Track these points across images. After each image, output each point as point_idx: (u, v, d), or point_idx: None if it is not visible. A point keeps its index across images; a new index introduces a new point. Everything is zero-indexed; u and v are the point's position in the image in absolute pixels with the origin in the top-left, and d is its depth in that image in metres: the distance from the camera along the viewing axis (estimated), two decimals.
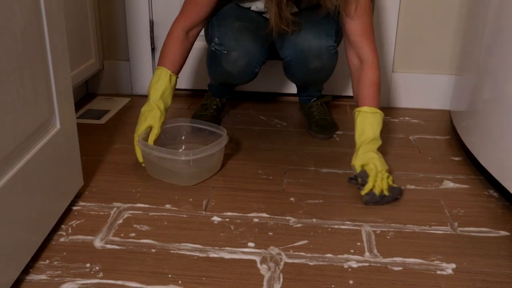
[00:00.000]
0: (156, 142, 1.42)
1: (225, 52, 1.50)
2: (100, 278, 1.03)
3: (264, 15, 1.58)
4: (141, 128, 1.42)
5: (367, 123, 1.38)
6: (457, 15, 1.85)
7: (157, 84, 1.46)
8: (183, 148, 1.54)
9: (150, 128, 1.42)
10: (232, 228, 1.20)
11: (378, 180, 1.29)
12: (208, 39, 1.61)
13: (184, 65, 1.54)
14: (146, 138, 1.41)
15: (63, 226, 1.20)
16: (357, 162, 1.35)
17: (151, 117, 1.43)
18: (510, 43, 1.26)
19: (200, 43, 1.83)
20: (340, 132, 1.74)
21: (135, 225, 1.21)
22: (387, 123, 1.83)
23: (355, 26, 1.44)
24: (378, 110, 1.40)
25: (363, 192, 1.29)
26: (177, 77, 1.50)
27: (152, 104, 1.44)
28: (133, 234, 1.17)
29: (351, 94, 2.02)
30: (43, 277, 1.03)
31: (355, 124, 1.41)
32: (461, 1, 1.83)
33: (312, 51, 1.48)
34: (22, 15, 0.97)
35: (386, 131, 1.75)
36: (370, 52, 1.44)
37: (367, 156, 1.34)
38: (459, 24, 1.84)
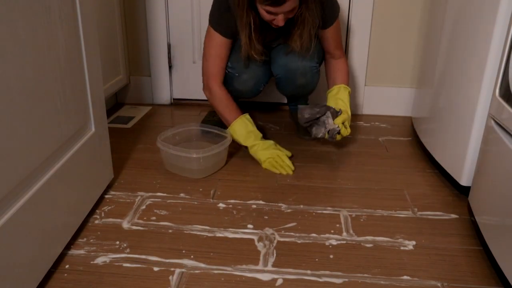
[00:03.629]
0: (172, 142, 1.43)
1: (237, 74, 1.50)
2: (128, 253, 1.03)
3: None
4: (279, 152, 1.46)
5: (342, 93, 1.50)
6: (417, 38, 1.86)
7: (243, 134, 1.45)
8: (194, 147, 1.55)
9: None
10: (235, 213, 1.21)
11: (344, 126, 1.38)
12: None
13: (238, 105, 1.51)
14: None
15: (97, 210, 1.20)
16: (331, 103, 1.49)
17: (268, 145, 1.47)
18: (458, 62, 1.27)
19: None
20: None
21: (155, 210, 1.21)
22: (361, 127, 1.83)
23: (331, 44, 1.53)
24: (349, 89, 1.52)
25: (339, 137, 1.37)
26: (246, 114, 1.49)
27: (256, 143, 1.45)
28: (154, 218, 1.18)
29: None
30: (81, 252, 1.03)
31: (333, 90, 1.52)
32: (420, 28, 1.83)
33: (298, 70, 1.48)
34: (65, 39, 0.97)
35: (359, 134, 1.75)
36: (342, 55, 1.57)
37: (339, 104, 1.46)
38: (419, 46, 1.84)
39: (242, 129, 1.46)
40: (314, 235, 1.11)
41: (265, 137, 1.71)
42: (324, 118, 1.36)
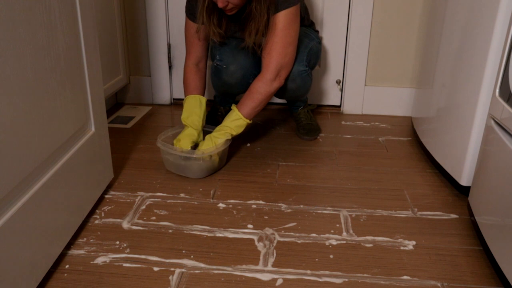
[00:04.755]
0: (172, 142, 1.43)
1: (225, 66, 1.51)
2: (128, 253, 1.03)
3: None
4: (182, 141, 1.41)
5: (232, 118, 1.40)
6: (417, 39, 1.86)
7: (189, 109, 1.45)
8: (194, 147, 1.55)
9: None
10: (235, 213, 1.21)
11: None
12: (212, 57, 1.62)
13: (205, 88, 1.55)
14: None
15: (97, 210, 1.20)
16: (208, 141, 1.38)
17: (192, 138, 1.43)
18: (458, 62, 1.27)
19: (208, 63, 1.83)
20: (323, 134, 1.74)
21: (155, 210, 1.21)
22: (361, 127, 1.83)
23: (268, 41, 1.39)
24: (243, 117, 1.39)
25: None
26: (203, 98, 1.50)
27: (189, 129, 1.44)
28: (154, 218, 1.18)
29: (332, 103, 2.03)
30: (81, 252, 1.03)
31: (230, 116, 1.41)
32: (420, 28, 1.83)
33: (288, 76, 1.45)
34: (65, 39, 0.97)
35: (359, 134, 1.76)
36: (269, 65, 1.38)
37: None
38: (419, 47, 1.84)
39: (189, 105, 1.47)
40: (314, 235, 1.11)
41: (265, 138, 1.71)
42: None
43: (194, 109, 1.46)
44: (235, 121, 1.39)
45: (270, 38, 1.37)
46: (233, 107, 1.42)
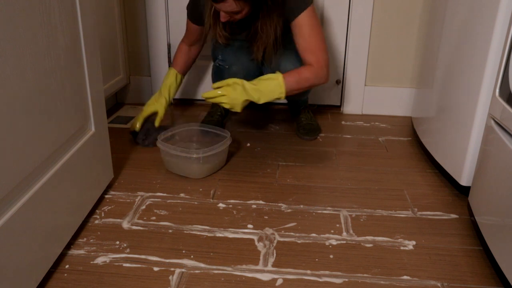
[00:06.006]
0: (172, 142, 1.43)
1: (227, 66, 1.52)
2: (128, 253, 1.03)
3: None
4: (146, 111, 1.55)
5: (271, 82, 1.33)
6: (417, 39, 1.86)
7: (166, 80, 1.59)
8: (194, 147, 1.55)
9: (154, 113, 1.55)
10: (235, 213, 1.21)
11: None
12: (214, 57, 1.63)
13: (190, 67, 1.68)
14: (152, 120, 1.55)
15: (97, 210, 1.20)
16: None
17: (158, 104, 1.55)
18: (458, 62, 1.27)
19: (210, 63, 1.84)
20: (323, 134, 1.74)
21: (155, 210, 1.21)
22: (361, 127, 1.83)
23: (299, 46, 1.41)
24: (284, 90, 1.32)
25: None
26: (182, 77, 1.64)
27: (160, 94, 1.57)
28: (154, 218, 1.18)
29: (332, 103, 2.03)
30: (81, 252, 1.03)
31: (266, 76, 1.35)
32: (420, 28, 1.83)
33: None
34: (65, 40, 0.97)
35: (359, 134, 1.75)
36: (313, 63, 1.39)
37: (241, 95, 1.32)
38: (419, 47, 1.84)
39: (167, 77, 1.61)
40: (314, 235, 1.11)
41: (265, 138, 1.71)
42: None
43: (166, 80, 1.60)
44: (268, 81, 1.32)
45: (301, 42, 1.39)
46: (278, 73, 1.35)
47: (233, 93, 1.30)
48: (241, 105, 1.32)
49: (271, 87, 1.32)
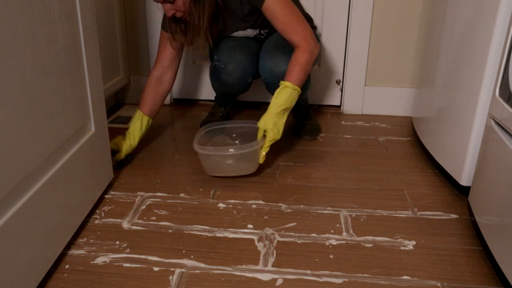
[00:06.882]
0: (209, 144, 1.42)
1: (223, 66, 1.52)
2: (128, 253, 1.03)
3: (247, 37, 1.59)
4: (111, 146, 1.39)
5: (283, 93, 1.32)
6: (417, 39, 1.86)
7: (132, 125, 1.48)
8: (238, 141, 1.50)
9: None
10: (235, 213, 1.21)
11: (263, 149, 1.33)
12: (211, 58, 1.63)
13: (160, 105, 1.54)
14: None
15: (97, 210, 1.20)
16: (261, 124, 1.33)
17: (121, 144, 1.44)
18: (458, 62, 1.27)
19: (209, 63, 1.83)
20: (323, 134, 1.74)
21: (155, 210, 1.21)
22: (361, 127, 1.83)
23: (278, 29, 1.40)
24: (296, 87, 1.32)
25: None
26: (150, 119, 1.50)
27: (127, 135, 1.46)
28: (154, 218, 1.18)
29: (333, 103, 2.03)
30: (81, 252, 1.03)
31: (275, 93, 1.34)
32: (420, 28, 1.83)
33: (281, 75, 1.39)
34: (64, 39, 0.97)
35: (359, 134, 1.76)
36: (299, 41, 1.35)
37: (269, 123, 1.32)
38: (419, 47, 1.84)
39: (133, 121, 1.49)
40: (314, 235, 1.11)
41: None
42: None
43: (132, 123, 1.48)
44: (282, 92, 1.32)
45: (279, 25, 1.38)
46: (282, 83, 1.34)
47: (273, 130, 1.31)
48: (282, 128, 1.34)
49: (286, 95, 1.32)
